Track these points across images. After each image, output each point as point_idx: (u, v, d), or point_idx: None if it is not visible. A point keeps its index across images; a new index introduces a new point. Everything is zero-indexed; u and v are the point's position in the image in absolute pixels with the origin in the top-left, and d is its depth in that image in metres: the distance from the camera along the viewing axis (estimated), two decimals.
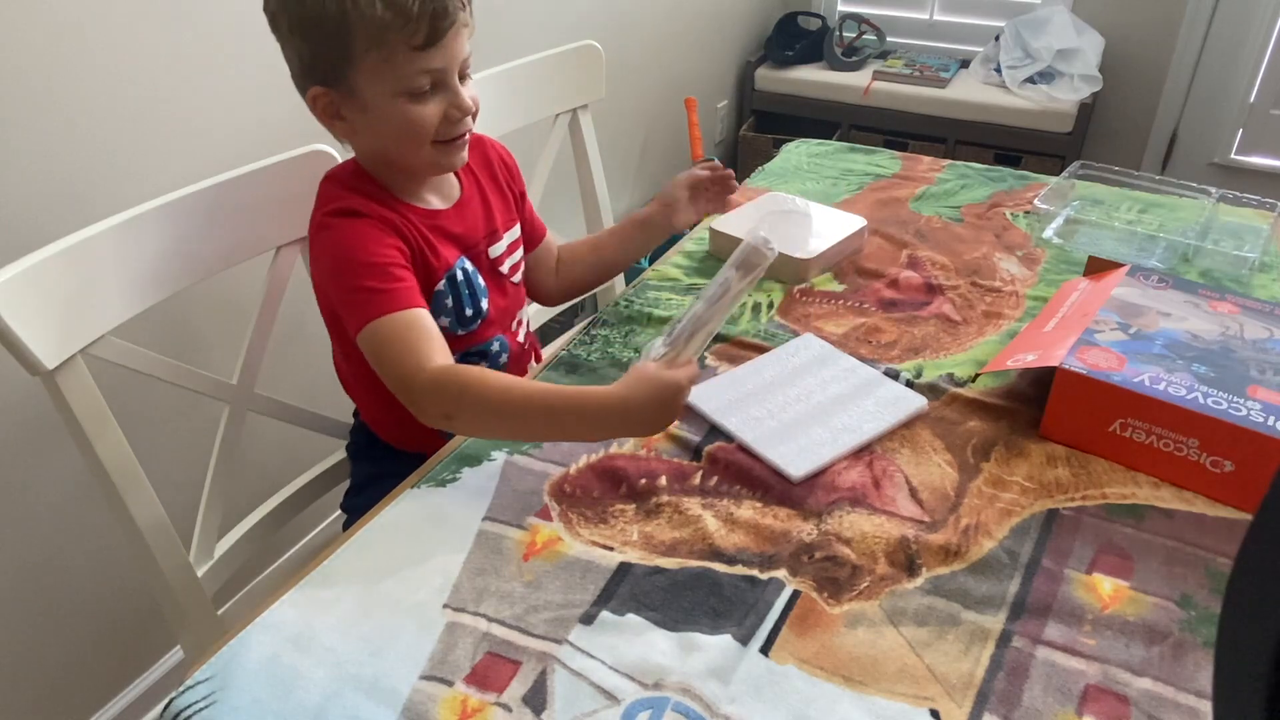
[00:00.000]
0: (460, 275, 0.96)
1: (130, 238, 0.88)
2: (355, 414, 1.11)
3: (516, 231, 1.05)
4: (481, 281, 0.98)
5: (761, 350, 1.01)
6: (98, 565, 1.29)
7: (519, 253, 1.06)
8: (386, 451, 1.07)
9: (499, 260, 1.01)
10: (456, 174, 0.99)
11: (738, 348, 1.02)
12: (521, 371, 1.08)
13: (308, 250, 0.95)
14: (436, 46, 0.83)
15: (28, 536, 1.19)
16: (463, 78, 0.89)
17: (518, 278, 1.06)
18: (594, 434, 0.84)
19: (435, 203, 0.96)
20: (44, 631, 1.25)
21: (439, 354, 0.84)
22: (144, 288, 0.90)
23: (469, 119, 0.89)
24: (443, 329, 0.93)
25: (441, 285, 0.94)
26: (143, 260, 0.89)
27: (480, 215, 1.00)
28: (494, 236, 1.01)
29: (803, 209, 1.26)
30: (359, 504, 1.07)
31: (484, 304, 0.98)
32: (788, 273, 1.15)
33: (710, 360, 1.00)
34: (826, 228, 1.20)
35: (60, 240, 0.82)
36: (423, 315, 0.86)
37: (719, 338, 1.03)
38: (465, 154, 0.93)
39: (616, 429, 0.83)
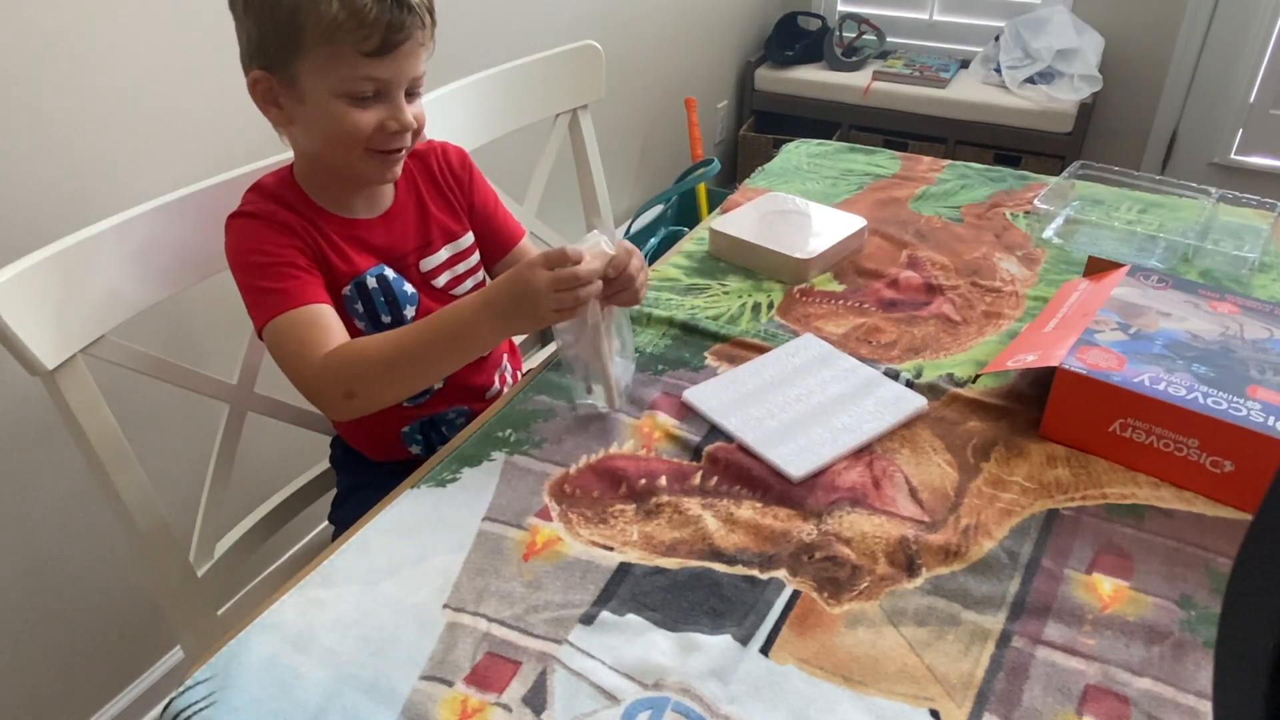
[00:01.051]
0: (374, 283, 0.93)
1: (129, 238, 0.88)
2: (333, 424, 1.10)
3: (464, 243, 1.02)
4: (408, 289, 0.96)
5: (761, 350, 1.01)
6: (98, 565, 1.29)
7: (465, 264, 1.02)
8: (362, 461, 1.06)
9: (432, 274, 0.99)
10: (395, 183, 0.97)
11: (738, 348, 1.02)
12: (486, 380, 1.06)
13: None
14: (387, 57, 0.83)
15: (28, 536, 1.19)
16: (411, 95, 0.88)
17: (462, 289, 1.01)
18: (470, 331, 0.83)
19: (360, 211, 0.94)
20: (44, 631, 1.25)
21: (335, 344, 0.83)
22: (144, 288, 0.90)
23: (407, 136, 0.88)
24: (359, 330, 0.93)
25: (349, 290, 0.92)
26: (142, 260, 0.89)
27: (412, 228, 0.98)
28: (427, 249, 0.98)
29: (802, 209, 1.26)
30: (342, 516, 1.07)
31: (407, 312, 0.96)
32: (788, 273, 1.15)
33: (710, 360, 1.00)
34: (826, 228, 1.20)
35: (60, 240, 0.82)
36: (318, 310, 0.85)
37: (718, 338, 1.03)
38: (398, 169, 0.91)
39: (488, 320, 0.82)
